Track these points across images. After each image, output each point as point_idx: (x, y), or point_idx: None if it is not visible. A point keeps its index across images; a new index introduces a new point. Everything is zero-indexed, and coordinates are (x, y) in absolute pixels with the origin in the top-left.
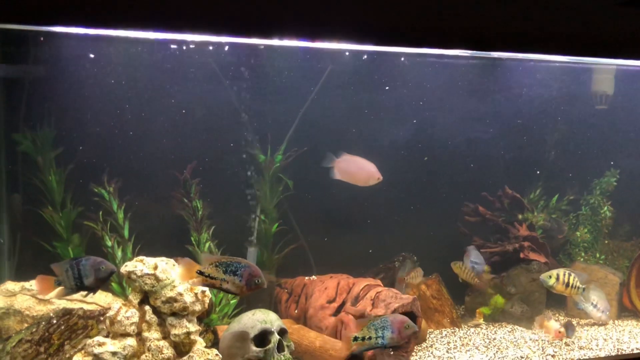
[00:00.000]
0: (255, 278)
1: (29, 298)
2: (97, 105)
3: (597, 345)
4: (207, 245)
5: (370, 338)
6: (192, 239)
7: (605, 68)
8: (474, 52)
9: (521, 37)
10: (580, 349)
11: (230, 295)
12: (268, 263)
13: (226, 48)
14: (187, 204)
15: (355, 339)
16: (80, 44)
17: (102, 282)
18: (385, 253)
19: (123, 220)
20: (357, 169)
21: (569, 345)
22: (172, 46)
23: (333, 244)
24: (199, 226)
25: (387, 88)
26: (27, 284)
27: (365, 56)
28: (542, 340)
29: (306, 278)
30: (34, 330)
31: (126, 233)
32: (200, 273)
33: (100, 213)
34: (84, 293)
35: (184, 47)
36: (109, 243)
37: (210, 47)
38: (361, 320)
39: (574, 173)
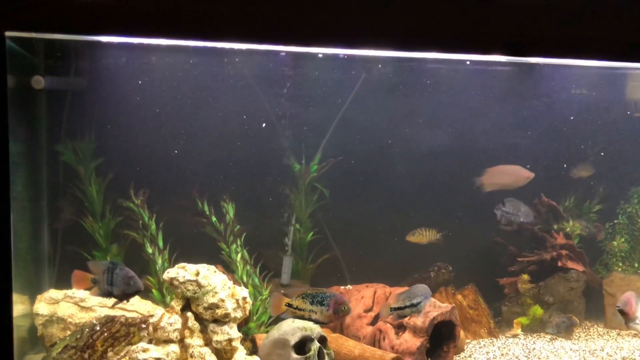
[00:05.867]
0: (342, 305)
1: (72, 306)
2: (137, 115)
3: None
4: (239, 255)
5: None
6: (224, 252)
7: None
8: (511, 57)
9: (556, 43)
10: (623, 359)
11: (267, 303)
12: (303, 272)
13: (265, 57)
14: (208, 222)
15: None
16: (119, 55)
17: (126, 297)
18: (421, 262)
19: (156, 230)
20: (504, 176)
21: (611, 355)
22: (210, 57)
23: (368, 253)
24: (225, 239)
25: (422, 94)
26: (69, 292)
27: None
28: (582, 350)
29: (342, 287)
30: (78, 336)
31: (160, 243)
32: (289, 306)
33: (140, 222)
34: (114, 300)
35: (222, 58)
36: (150, 250)
37: (249, 58)
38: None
39: (612, 181)
